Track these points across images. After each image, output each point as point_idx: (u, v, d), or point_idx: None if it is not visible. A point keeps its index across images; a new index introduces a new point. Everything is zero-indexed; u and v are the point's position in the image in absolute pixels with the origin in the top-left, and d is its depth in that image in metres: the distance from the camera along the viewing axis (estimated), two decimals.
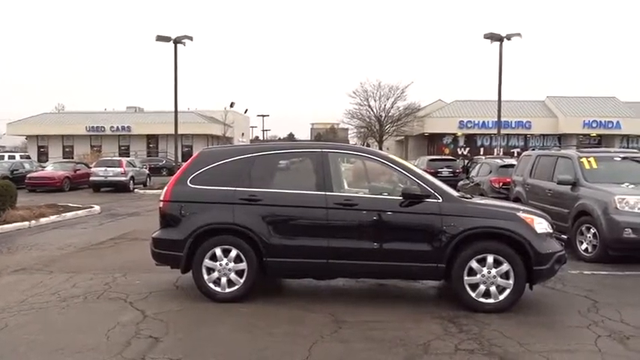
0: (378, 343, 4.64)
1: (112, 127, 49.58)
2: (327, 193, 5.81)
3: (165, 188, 6.24)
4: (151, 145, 50.95)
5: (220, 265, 5.86)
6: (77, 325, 5.21)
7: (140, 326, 5.11)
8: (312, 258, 5.78)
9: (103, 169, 24.53)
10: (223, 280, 5.88)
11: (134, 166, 26.54)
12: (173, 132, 28.87)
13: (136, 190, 24.91)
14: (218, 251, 5.87)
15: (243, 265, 5.84)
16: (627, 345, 4.63)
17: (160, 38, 25.86)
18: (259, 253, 5.80)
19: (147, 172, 28.50)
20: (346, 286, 6.71)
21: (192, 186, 6.07)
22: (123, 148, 49.90)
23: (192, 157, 6.49)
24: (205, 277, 5.90)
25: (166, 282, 6.76)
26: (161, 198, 6.22)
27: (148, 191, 24.41)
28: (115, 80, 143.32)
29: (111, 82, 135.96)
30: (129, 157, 35.19)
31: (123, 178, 24.38)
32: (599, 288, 6.62)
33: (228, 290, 5.88)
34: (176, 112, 27.80)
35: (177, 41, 26.14)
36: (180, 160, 29.76)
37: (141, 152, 47.98)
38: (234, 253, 5.85)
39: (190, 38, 26.41)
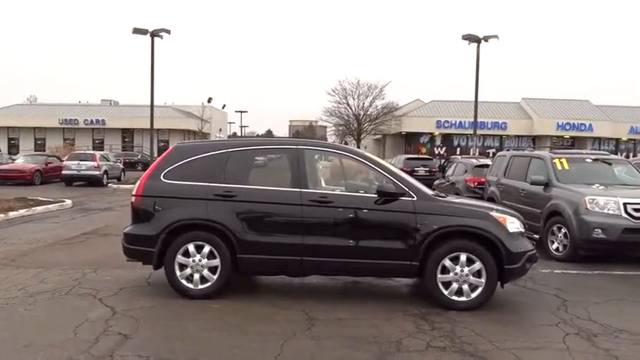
0: (351, 341, 4.64)
1: (86, 120, 48.67)
2: (303, 190, 5.79)
3: (138, 183, 6.14)
4: (126, 140, 50.18)
5: (193, 261, 5.79)
6: (44, 322, 5.08)
7: (109, 323, 5.01)
8: (286, 255, 5.75)
9: (76, 162, 24.06)
10: (196, 276, 5.81)
11: (108, 160, 26.11)
12: (148, 126, 28.47)
13: (109, 184, 24.52)
14: (191, 247, 5.80)
15: (216, 262, 5.78)
16: (594, 342, 4.72)
17: (136, 31, 25.45)
18: (233, 250, 5.75)
19: (121, 166, 28.07)
20: (320, 284, 6.70)
21: (166, 181, 5.98)
22: (97, 141, 49.03)
23: (165, 152, 6.40)
24: (178, 273, 5.82)
25: (138, 278, 6.65)
26: (133, 192, 6.12)
27: (121, 186, 24.02)
28: (89, 73, 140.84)
29: (85, 74, 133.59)
30: (103, 151, 34.59)
31: (96, 172, 23.96)
32: (569, 287, 6.75)
33: (200, 287, 5.81)
34: (152, 106, 27.42)
35: (154, 34, 25.76)
36: (155, 155, 29.36)
37: (116, 146, 47.21)
38: (207, 249, 5.79)
39: (168, 32, 26.06)
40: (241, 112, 67.03)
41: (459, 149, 42.76)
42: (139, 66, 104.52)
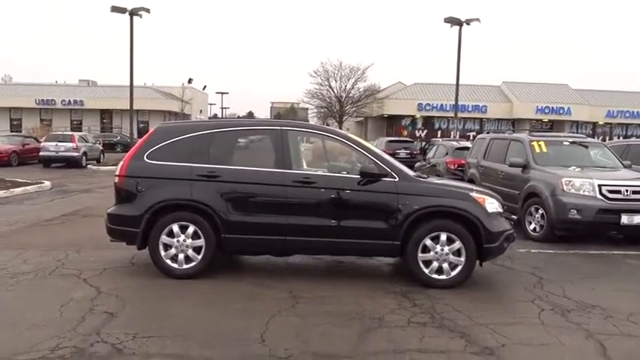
0: (335, 317, 4.75)
1: (63, 100, 47.71)
2: (286, 171, 5.84)
3: (121, 163, 6.12)
4: (104, 121, 49.40)
5: (178, 241, 5.83)
6: (28, 302, 5.09)
7: (95, 302, 5.05)
8: (270, 235, 5.82)
9: (54, 143, 23.67)
10: (181, 256, 5.85)
11: (87, 142, 25.72)
12: (128, 107, 28.10)
13: (89, 166, 24.22)
14: (175, 227, 5.84)
15: (200, 242, 5.83)
16: (568, 317, 4.91)
17: (115, 9, 24.97)
18: (217, 230, 5.80)
19: (100, 147, 27.69)
20: (303, 263, 6.80)
21: (149, 161, 5.97)
22: (75, 122, 48.19)
23: (148, 133, 6.37)
24: (162, 253, 5.86)
25: (122, 259, 6.67)
26: (116, 173, 6.11)
27: (101, 167, 23.76)
28: (66, 52, 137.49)
29: (62, 54, 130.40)
30: (81, 132, 34.04)
31: (75, 154, 23.62)
32: (545, 265, 6.96)
33: (185, 267, 5.86)
34: (131, 86, 27.03)
35: (133, 13, 25.34)
36: (135, 136, 29.04)
37: (94, 127, 46.46)
38: (191, 229, 5.83)
39: (147, 10, 25.62)
40: (222, 93, 66.37)
41: (440, 132, 43.12)
42: (118, 45, 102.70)
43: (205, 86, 63.16)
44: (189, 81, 49.73)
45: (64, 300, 5.07)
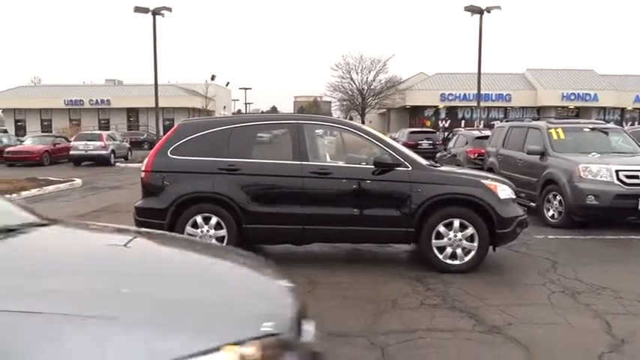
0: (350, 301, 5.00)
1: (90, 100, 48.98)
2: (303, 163, 6.09)
3: (147, 159, 6.46)
4: (131, 119, 50.52)
5: (201, 231, 6.14)
6: None
7: None
8: (289, 224, 6.09)
9: (84, 142, 24.41)
10: None
11: (115, 140, 26.45)
12: (153, 105, 28.73)
13: (117, 163, 24.88)
14: (199, 219, 6.15)
15: (223, 232, 6.13)
16: (577, 299, 5.06)
17: (138, 9, 25.54)
18: (239, 221, 6.09)
19: (128, 145, 28.41)
20: (322, 252, 7.06)
21: (173, 156, 6.30)
22: (102, 121, 49.41)
23: (171, 129, 6.70)
24: None
25: None
26: (143, 169, 6.45)
27: (129, 165, 24.40)
28: (92, 53, 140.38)
29: (88, 54, 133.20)
30: (109, 130, 34.94)
31: (104, 152, 24.32)
32: (561, 250, 7.07)
33: None
34: (156, 84, 27.63)
35: (156, 12, 25.86)
36: (161, 133, 29.68)
37: (121, 126, 47.59)
38: (214, 220, 6.13)
39: (169, 9, 26.13)
40: (245, 89, 67.04)
41: (463, 122, 42.82)
42: (142, 45, 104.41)
43: (228, 82, 63.89)
44: (213, 77, 50.35)
45: None
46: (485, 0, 26.06)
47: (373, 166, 6.05)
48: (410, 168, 6.04)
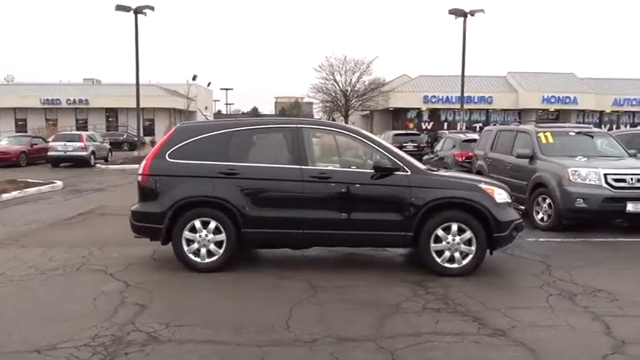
0: (353, 304, 5.07)
1: (68, 99, 48.17)
2: (303, 167, 6.14)
3: (144, 162, 6.44)
4: (110, 119, 49.85)
5: (200, 236, 6.14)
6: (62, 295, 5.43)
7: (124, 295, 5.37)
8: (288, 228, 6.13)
9: (62, 143, 24.02)
10: (203, 250, 6.17)
11: (95, 141, 26.08)
12: (133, 105, 28.53)
13: (97, 165, 24.58)
14: (197, 223, 6.15)
15: (222, 237, 6.14)
16: (574, 301, 5.21)
17: (119, 8, 25.29)
18: (237, 225, 6.11)
19: (108, 146, 28.04)
20: (320, 256, 7.12)
21: (171, 160, 6.29)
22: (80, 121, 48.67)
23: (169, 133, 6.69)
24: (185, 248, 6.17)
25: (144, 255, 6.99)
26: (140, 172, 6.42)
27: (110, 166, 24.14)
28: (69, 51, 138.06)
29: (65, 53, 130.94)
30: (87, 131, 34.45)
31: (83, 153, 23.98)
32: (553, 253, 7.24)
33: (207, 260, 6.18)
34: (137, 84, 27.37)
35: (137, 11, 25.65)
36: (142, 134, 29.39)
37: (100, 126, 46.92)
38: (213, 224, 6.14)
39: (152, 8, 25.93)
40: (226, 89, 66.78)
41: (446, 124, 43.31)
42: (122, 44, 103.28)
43: (210, 83, 63.28)
44: (194, 78, 49.70)
45: (95, 293, 5.40)
46: (469, 3, 26.46)
47: (372, 171, 6.13)
48: (409, 172, 6.14)
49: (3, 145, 25.30)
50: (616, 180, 8.39)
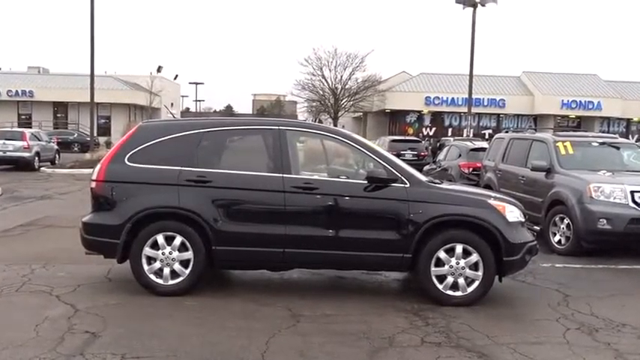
0: (341, 337, 5.09)
1: (9, 91, 47.75)
2: (285, 176, 6.17)
3: (99, 167, 6.42)
4: (58, 115, 49.49)
5: (163, 254, 6.13)
6: None
7: (73, 321, 5.34)
8: (267, 247, 6.14)
9: (1, 142, 23.78)
10: (166, 270, 6.15)
11: (40, 140, 25.83)
12: (86, 99, 28.38)
13: (42, 168, 24.38)
14: (160, 238, 6.13)
15: (188, 255, 6.13)
16: (595, 337, 5.29)
17: None
18: (207, 241, 6.10)
19: (55, 147, 27.82)
20: (303, 279, 7.14)
21: (131, 164, 6.28)
22: (23, 117, 48.26)
23: (129, 133, 6.68)
24: (145, 267, 6.15)
25: (96, 274, 6.95)
26: (93, 177, 6.40)
27: (57, 170, 23.96)
28: (10, 34, 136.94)
29: (5, 35, 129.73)
30: (31, 127, 34.15)
31: (26, 154, 23.76)
32: (571, 281, 7.34)
33: (171, 282, 6.16)
34: (92, 74, 27.27)
35: None
36: (96, 133, 29.23)
37: (46, 123, 46.52)
38: (178, 240, 6.13)
39: None
40: (196, 83, 66.74)
41: (450, 130, 43.70)
42: (74, 27, 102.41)
43: (177, 76, 63.53)
44: (159, 69, 49.85)
45: (38, 319, 5.35)
46: None
47: (365, 182, 6.18)
48: (407, 184, 6.20)
49: None
50: None
